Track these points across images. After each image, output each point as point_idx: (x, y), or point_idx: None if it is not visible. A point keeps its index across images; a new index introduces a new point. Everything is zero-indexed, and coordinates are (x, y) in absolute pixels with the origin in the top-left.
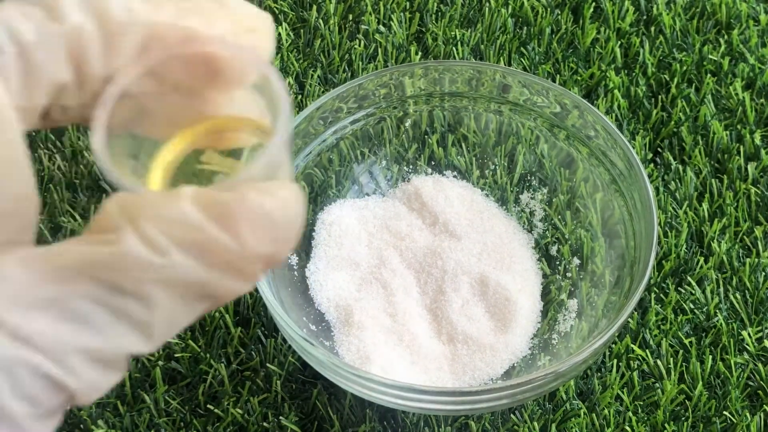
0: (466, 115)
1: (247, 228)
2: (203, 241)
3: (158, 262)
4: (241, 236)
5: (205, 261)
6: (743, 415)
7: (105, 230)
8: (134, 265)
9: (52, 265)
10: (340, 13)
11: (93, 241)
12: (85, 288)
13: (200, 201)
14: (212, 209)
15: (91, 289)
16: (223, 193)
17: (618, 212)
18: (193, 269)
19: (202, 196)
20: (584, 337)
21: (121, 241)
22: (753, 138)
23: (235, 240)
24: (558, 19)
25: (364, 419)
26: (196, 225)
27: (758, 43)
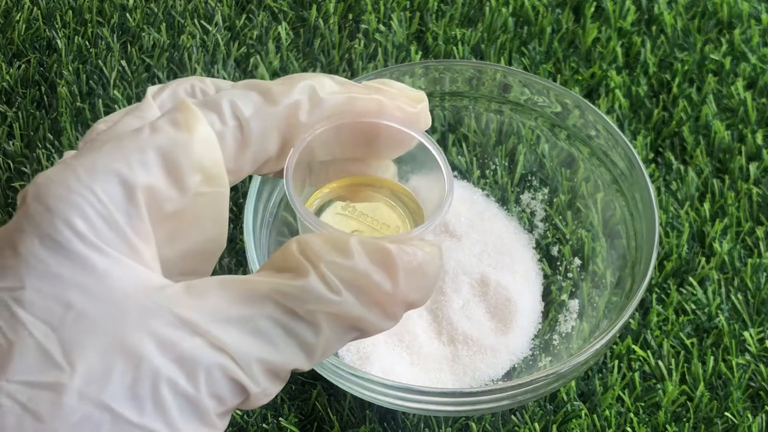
0: (467, 114)
1: (402, 275)
2: (367, 284)
3: (333, 299)
4: (397, 282)
5: (364, 300)
6: (745, 416)
7: (287, 266)
8: (314, 298)
9: (244, 290)
10: (339, 13)
11: (280, 276)
12: (270, 310)
13: (367, 248)
14: (377, 255)
15: (275, 312)
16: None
17: (619, 212)
18: (355, 306)
19: (368, 244)
20: (585, 337)
21: (305, 278)
22: (754, 138)
23: (392, 284)
24: (559, 18)
25: (363, 420)
26: (362, 272)
27: (760, 43)
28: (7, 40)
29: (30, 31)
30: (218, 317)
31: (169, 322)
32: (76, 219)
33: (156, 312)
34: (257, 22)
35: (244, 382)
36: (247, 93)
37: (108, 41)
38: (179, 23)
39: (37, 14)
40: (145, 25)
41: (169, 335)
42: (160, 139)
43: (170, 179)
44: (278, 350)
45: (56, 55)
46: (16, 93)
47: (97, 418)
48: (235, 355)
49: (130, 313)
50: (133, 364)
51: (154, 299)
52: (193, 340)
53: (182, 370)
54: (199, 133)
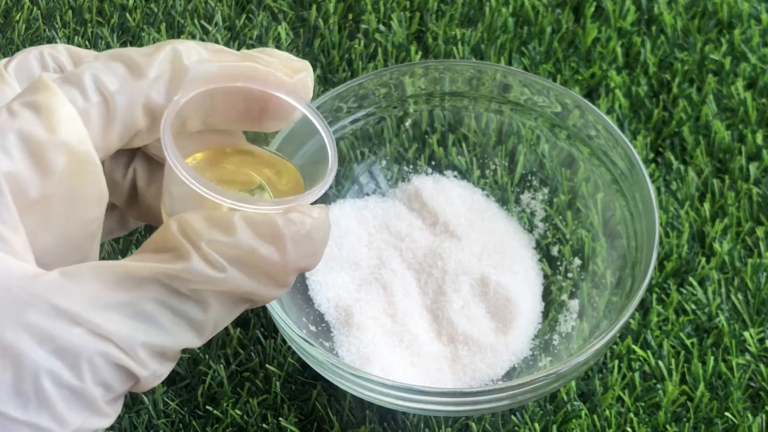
0: (467, 114)
1: (291, 245)
2: (253, 258)
3: (217, 276)
4: (286, 252)
5: (252, 273)
6: (745, 416)
7: (167, 247)
8: (198, 279)
9: (124, 274)
10: (339, 13)
11: (161, 259)
12: (153, 293)
13: (252, 222)
14: (263, 228)
15: (158, 294)
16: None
17: (619, 212)
18: (242, 280)
19: (253, 219)
20: (585, 337)
21: (187, 259)
22: (755, 138)
23: (280, 255)
24: (559, 18)
25: (363, 420)
26: (246, 247)
27: (760, 43)
28: (6, 40)
29: (30, 31)
30: (97, 304)
31: (46, 313)
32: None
33: (31, 303)
34: (257, 22)
35: (131, 367)
36: (110, 65)
37: (108, 41)
38: (179, 23)
39: (37, 14)
40: (145, 25)
41: (47, 327)
42: (19, 122)
43: (33, 164)
44: (165, 332)
45: None
46: None
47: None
48: (118, 341)
49: (3, 308)
50: (11, 360)
51: (27, 290)
52: (73, 329)
53: (63, 361)
54: (61, 112)
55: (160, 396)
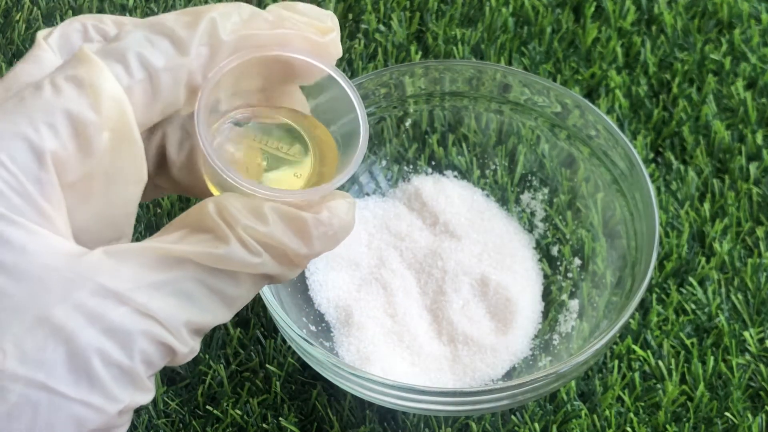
0: (467, 114)
1: (317, 242)
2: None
3: (255, 261)
4: (312, 247)
5: (281, 260)
6: (745, 416)
7: (204, 227)
8: (236, 263)
9: (165, 254)
10: (339, 12)
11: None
12: (192, 271)
13: (282, 216)
14: (293, 224)
15: (197, 273)
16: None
17: (619, 212)
18: (272, 266)
19: (283, 212)
20: (585, 337)
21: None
22: (755, 138)
23: (307, 249)
24: (559, 18)
25: (364, 420)
26: (278, 239)
27: (760, 43)
28: (6, 40)
29: (30, 31)
30: (141, 283)
31: (94, 292)
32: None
33: (79, 283)
34: None
35: (173, 344)
36: (154, 40)
37: None
38: None
39: (37, 14)
40: None
41: (96, 306)
42: (65, 99)
43: (78, 143)
44: (203, 309)
45: None
46: None
47: (34, 397)
48: (162, 320)
49: (53, 287)
50: (63, 339)
51: (75, 269)
52: (120, 308)
53: (113, 340)
54: (107, 90)
55: (160, 396)
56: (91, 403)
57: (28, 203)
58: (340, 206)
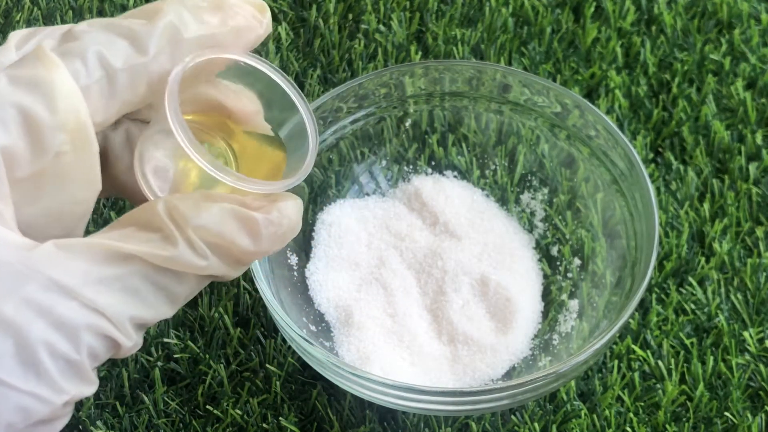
0: (467, 114)
1: (266, 241)
2: (231, 247)
3: (201, 264)
4: (260, 245)
5: (228, 260)
6: (744, 416)
7: (152, 226)
8: (183, 264)
9: (114, 250)
10: (339, 13)
11: (148, 239)
12: (139, 268)
13: (235, 214)
14: (245, 223)
15: (144, 269)
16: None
17: (619, 212)
18: (219, 266)
19: (236, 212)
20: (585, 337)
21: (174, 246)
22: (754, 138)
23: (255, 247)
24: (559, 18)
25: (364, 420)
26: (228, 238)
27: (759, 43)
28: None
29: None
30: (90, 278)
31: (44, 286)
32: None
33: (29, 276)
34: None
35: (118, 338)
36: (113, 40)
37: None
38: None
39: (38, 14)
40: None
41: (45, 300)
42: (20, 95)
43: (29, 141)
44: (147, 305)
45: None
46: None
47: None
48: (109, 315)
49: (3, 280)
50: (12, 332)
51: (26, 263)
52: (69, 303)
53: (61, 333)
54: (63, 88)
55: (160, 396)
56: (38, 395)
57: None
58: (289, 207)
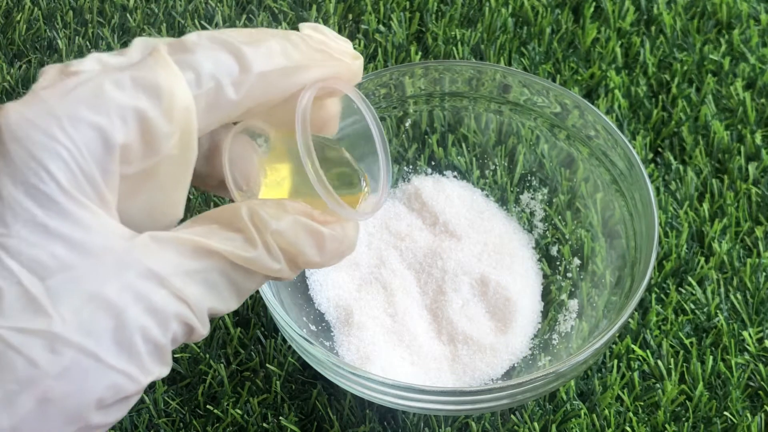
0: (467, 115)
1: (328, 255)
2: (299, 256)
3: (275, 267)
4: (323, 258)
5: (293, 267)
6: (744, 415)
7: (234, 227)
8: (260, 266)
9: (200, 246)
10: (339, 13)
11: (230, 238)
12: (219, 264)
13: (308, 227)
14: (314, 236)
15: (223, 265)
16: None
17: (618, 212)
18: (286, 271)
19: (309, 225)
20: (585, 337)
21: (255, 248)
22: (754, 138)
23: (319, 259)
24: (558, 18)
25: (364, 420)
26: (300, 248)
27: (759, 43)
28: (7, 41)
29: (31, 32)
30: (179, 269)
31: (141, 274)
32: (59, 171)
33: (130, 264)
34: (257, 23)
35: (196, 326)
36: (221, 55)
37: (109, 41)
38: (179, 23)
39: (38, 15)
40: (145, 26)
41: (142, 287)
42: (140, 97)
43: (144, 141)
44: (221, 298)
45: (57, 56)
46: (17, 93)
47: (84, 363)
48: (192, 304)
49: (109, 265)
50: (113, 314)
51: (126, 251)
52: (161, 291)
53: (154, 319)
54: (180, 98)
55: (160, 395)
56: (129, 374)
57: (94, 188)
58: (351, 227)
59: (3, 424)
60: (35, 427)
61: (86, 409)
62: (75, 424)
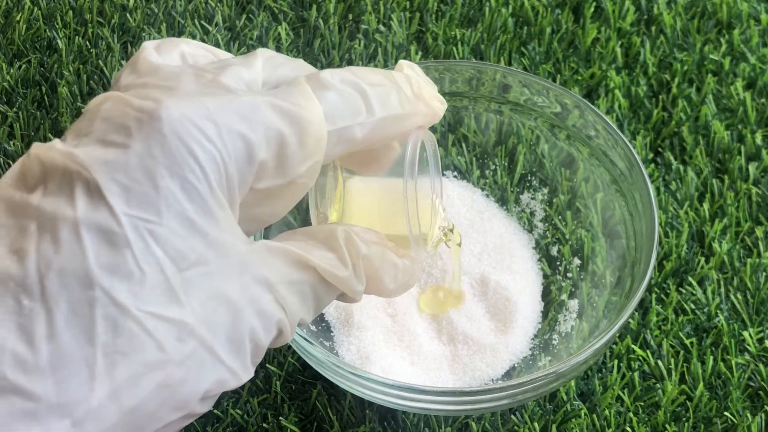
0: (467, 114)
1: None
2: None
3: (359, 289)
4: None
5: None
6: (744, 415)
7: (329, 246)
8: (347, 286)
9: (301, 259)
10: (339, 13)
11: (326, 256)
12: (312, 279)
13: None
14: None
15: (315, 281)
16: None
17: (619, 212)
18: (362, 293)
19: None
20: (585, 337)
21: (347, 269)
22: (754, 138)
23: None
24: (558, 18)
25: (363, 420)
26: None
27: (759, 43)
28: (7, 41)
29: (30, 32)
30: (284, 279)
31: (256, 279)
32: (212, 173)
33: (248, 268)
34: (257, 23)
35: (287, 333)
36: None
37: (108, 41)
38: (179, 23)
39: (38, 14)
40: (145, 26)
41: (256, 291)
42: (284, 124)
43: (277, 163)
44: (307, 309)
45: (57, 56)
46: (16, 93)
47: (201, 355)
48: (288, 312)
49: (234, 266)
50: (232, 312)
51: (247, 256)
52: (269, 296)
53: (261, 322)
54: (317, 130)
55: None
56: (234, 370)
57: (231, 194)
58: (417, 261)
59: (125, 403)
60: (151, 409)
61: (194, 399)
62: (182, 411)
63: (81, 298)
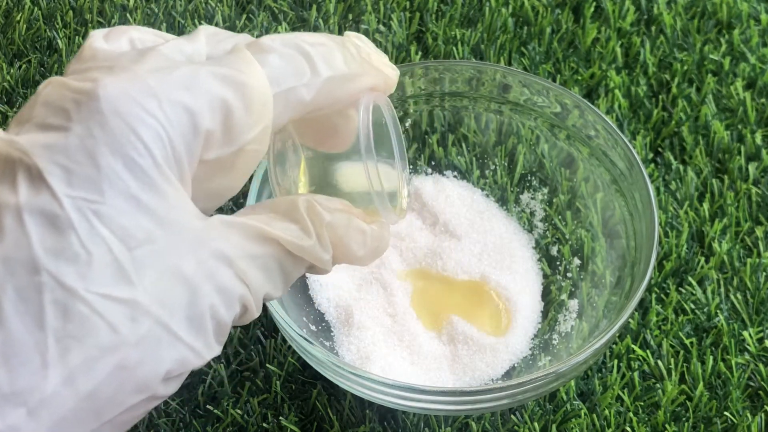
0: (467, 114)
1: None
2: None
3: (325, 257)
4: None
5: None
6: (744, 415)
7: (291, 217)
8: (312, 255)
9: (262, 232)
10: (339, 13)
11: (288, 228)
12: (276, 252)
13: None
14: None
15: (279, 254)
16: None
17: (619, 212)
18: (330, 262)
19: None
20: (585, 337)
21: (309, 238)
22: (754, 138)
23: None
24: (558, 18)
25: (363, 420)
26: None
27: (759, 43)
28: (7, 41)
29: (31, 32)
30: (244, 253)
31: (213, 254)
32: (156, 148)
33: (204, 244)
34: (257, 23)
35: (252, 309)
36: (295, 57)
37: None
38: (179, 23)
39: (38, 14)
40: (145, 26)
41: (213, 266)
42: (228, 91)
43: (224, 131)
44: (274, 284)
45: (57, 56)
46: (17, 93)
47: (158, 334)
48: (252, 287)
49: (187, 242)
50: (188, 289)
51: (202, 231)
52: (229, 272)
53: (221, 298)
54: (261, 95)
55: None
56: (196, 349)
57: (180, 167)
58: (386, 227)
59: (81, 388)
60: (109, 393)
61: (155, 380)
62: (144, 393)
63: (28, 284)
